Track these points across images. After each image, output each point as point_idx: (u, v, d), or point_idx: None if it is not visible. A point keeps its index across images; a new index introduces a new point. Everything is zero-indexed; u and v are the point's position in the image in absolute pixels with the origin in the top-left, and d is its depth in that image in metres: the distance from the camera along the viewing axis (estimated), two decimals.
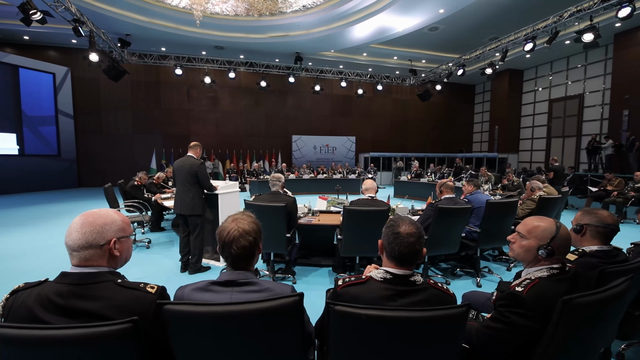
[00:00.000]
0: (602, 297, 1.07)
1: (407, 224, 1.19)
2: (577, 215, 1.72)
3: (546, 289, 1.18)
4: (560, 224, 1.30)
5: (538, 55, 12.66)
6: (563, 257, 1.29)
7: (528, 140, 14.58)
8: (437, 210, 2.97)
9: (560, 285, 1.20)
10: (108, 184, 4.65)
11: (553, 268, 1.26)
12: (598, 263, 1.52)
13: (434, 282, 1.15)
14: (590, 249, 1.60)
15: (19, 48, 11.54)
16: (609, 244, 1.62)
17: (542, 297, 1.13)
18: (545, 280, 1.21)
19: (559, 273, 1.25)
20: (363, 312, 0.92)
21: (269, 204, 3.03)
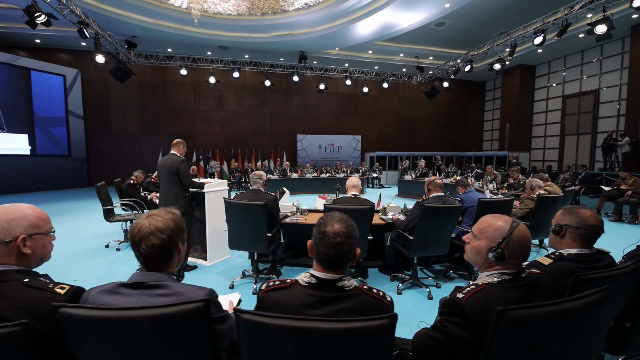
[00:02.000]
0: (555, 310, 0.92)
1: (336, 222, 1.08)
2: (557, 214, 1.56)
3: (492, 297, 1.03)
4: (518, 223, 1.15)
5: (551, 50, 12.21)
6: (519, 261, 1.14)
7: (540, 138, 14.08)
8: (423, 209, 2.83)
9: (511, 294, 1.05)
10: (101, 182, 4.68)
11: (505, 273, 1.11)
12: (576, 268, 1.36)
13: (368, 288, 1.03)
14: (568, 252, 1.43)
15: (31, 51, 11.89)
16: (592, 247, 1.46)
17: (484, 305, 0.99)
18: (494, 286, 1.06)
19: (511, 279, 1.09)
20: (271, 322, 0.82)
21: (248, 202, 2.95)
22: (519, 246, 1.12)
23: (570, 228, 1.45)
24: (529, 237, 1.14)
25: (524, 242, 1.12)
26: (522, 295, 1.05)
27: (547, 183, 4.49)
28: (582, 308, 0.98)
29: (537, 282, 1.13)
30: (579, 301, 0.97)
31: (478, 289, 1.05)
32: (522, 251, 1.13)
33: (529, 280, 1.11)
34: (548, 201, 3.51)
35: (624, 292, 1.38)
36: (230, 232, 3.13)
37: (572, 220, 1.46)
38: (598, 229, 1.44)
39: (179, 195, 3.61)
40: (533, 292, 1.09)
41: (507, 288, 1.06)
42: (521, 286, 1.08)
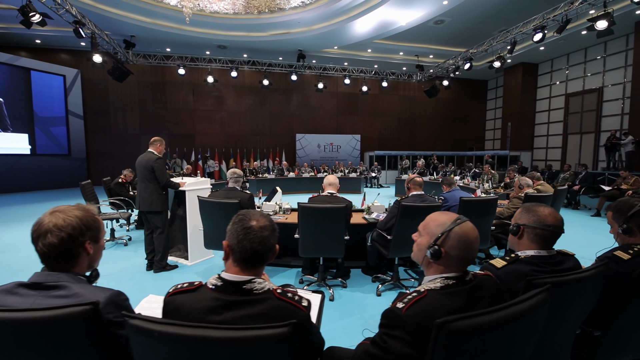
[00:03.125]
0: (497, 317, 0.83)
1: (260, 217, 1.02)
2: (516, 213, 1.47)
3: (433, 305, 0.93)
4: (463, 220, 1.06)
5: (553, 47, 11.99)
6: (461, 262, 1.04)
7: (543, 137, 13.83)
8: (400, 208, 2.74)
9: (454, 300, 0.95)
10: (86, 181, 4.67)
11: (449, 278, 1.01)
12: (530, 272, 1.26)
13: (282, 292, 0.95)
14: (525, 254, 1.34)
15: (31, 51, 12.01)
16: (551, 248, 1.36)
17: (426, 316, 0.88)
18: (436, 293, 0.96)
19: (455, 284, 1.00)
20: (156, 329, 0.75)
21: (222, 200, 2.89)
22: (458, 244, 1.02)
23: (527, 228, 1.36)
24: (471, 236, 1.03)
25: (464, 240, 1.02)
26: (466, 301, 0.96)
27: (538, 182, 4.36)
28: (524, 313, 0.89)
29: (481, 286, 1.03)
30: (520, 305, 0.89)
31: (419, 296, 0.95)
32: (462, 250, 1.02)
33: (472, 284, 1.02)
34: (536, 200, 3.38)
35: (588, 297, 1.28)
36: (205, 231, 3.08)
37: (529, 219, 1.36)
38: (557, 228, 1.34)
39: (154, 194, 3.57)
40: (477, 297, 0.99)
41: (450, 294, 0.97)
42: (465, 291, 0.99)
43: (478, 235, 1.06)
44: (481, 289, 1.02)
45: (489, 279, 1.09)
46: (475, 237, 1.04)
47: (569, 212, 7.52)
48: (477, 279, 1.04)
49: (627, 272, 1.33)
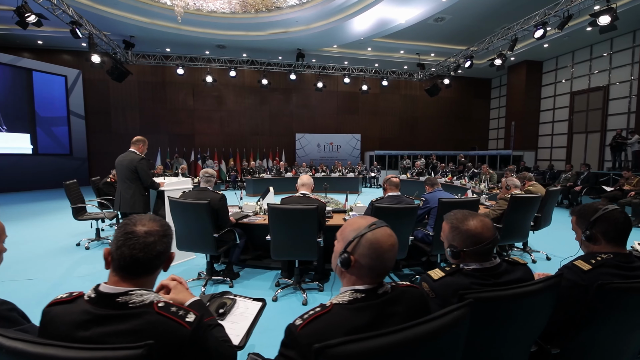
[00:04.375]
0: (397, 339, 0.72)
1: (148, 221, 0.94)
2: (444, 228, 1.32)
3: (334, 323, 0.83)
4: (379, 226, 0.94)
5: (558, 44, 11.70)
6: (372, 273, 0.93)
7: (547, 136, 13.51)
8: (373, 209, 2.64)
9: (360, 317, 0.85)
10: (72, 180, 4.66)
11: (358, 290, 0.91)
12: (471, 285, 1.15)
13: (165, 306, 0.86)
14: (468, 267, 1.22)
15: (34, 52, 12.15)
16: (491, 259, 1.22)
17: (322, 336, 0.77)
18: (342, 308, 0.86)
19: (364, 298, 0.89)
20: (5, 344, 0.67)
21: (192, 200, 2.83)
22: (368, 252, 0.92)
23: (466, 252, 1.21)
24: (383, 243, 0.93)
25: (375, 247, 0.92)
26: (373, 318, 0.86)
27: (529, 183, 4.21)
28: (432, 333, 0.78)
29: (397, 300, 0.93)
30: (427, 325, 0.78)
31: (322, 311, 0.86)
32: (373, 259, 0.92)
33: (385, 298, 0.91)
34: (522, 202, 3.25)
35: (539, 312, 1.16)
36: (176, 232, 3.01)
37: (464, 241, 1.21)
38: (494, 241, 1.21)
39: (137, 195, 3.53)
40: (389, 313, 0.89)
41: (357, 310, 0.86)
42: (374, 306, 0.88)
43: (394, 244, 0.95)
44: (396, 303, 0.92)
45: (412, 292, 0.99)
46: (390, 245, 0.94)
47: None
48: (393, 293, 0.94)
49: (587, 285, 1.21)
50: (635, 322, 1.26)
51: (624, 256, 1.28)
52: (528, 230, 3.52)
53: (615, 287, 1.12)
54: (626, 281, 1.17)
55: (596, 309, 1.16)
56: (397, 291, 0.95)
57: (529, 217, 3.40)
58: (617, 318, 1.21)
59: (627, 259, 1.28)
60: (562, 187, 7.94)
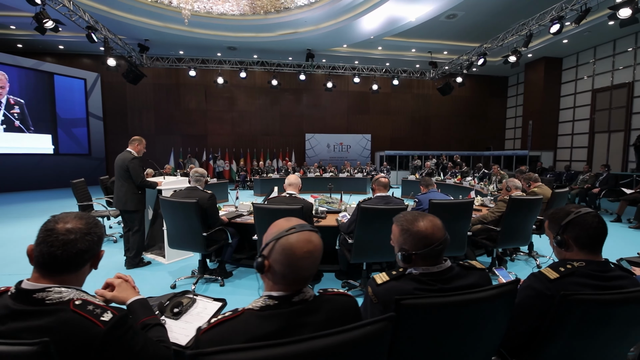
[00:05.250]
0: (281, 352, 0.66)
1: (72, 219, 0.94)
2: (394, 230, 1.26)
3: (238, 329, 0.80)
4: (298, 230, 0.89)
5: (578, 40, 11.18)
6: (285, 281, 0.88)
7: (567, 136, 12.93)
8: (358, 210, 2.58)
9: (267, 325, 0.81)
10: (79, 180, 4.82)
11: (271, 297, 0.87)
12: (414, 290, 1.09)
13: (82, 304, 0.85)
14: (416, 271, 1.15)
15: (56, 57, 12.72)
16: (440, 262, 1.16)
17: (221, 342, 0.76)
18: (252, 314, 0.84)
19: (276, 305, 0.85)
20: None
21: (180, 199, 2.86)
22: (280, 258, 0.87)
23: (417, 255, 1.15)
24: (297, 251, 0.86)
25: (288, 254, 0.86)
26: (282, 327, 0.82)
27: (535, 184, 4.02)
28: (341, 346, 0.72)
29: (315, 309, 0.87)
30: (336, 337, 0.72)
31: (231, 316, 0.83)
32: (285, 266, 0.87)
33: (300, 307, 0.86)
34: (521, 204, 3.09)
35: (491, 321, 1.08)
36: (167, 230, 3.06)
37: (415, 243, 1.15)
38: (445, 242, 1.15)
39: (129, 193, 3.61)
40: (300, 323, 0.84)
41: (266, 317, 0.83)
42: (284, 315, 0.84)
43: (313, 251, 0.89)
44: (312, 313, 0.86)
45: (338, 301, 0.94)
46: (306, 252, 0.87)
47: None
48: (313, 302, 0.89)
49: (553, 295, 1.11)
50: (609, 337, 1.16)
51: (597, 264, 1.18)
52: (529, 234, 3.35)
53: (581, 299, 1.03)
54: (594, 292, 1.07)
55: (561, 322, 1.08)
56: (320, 300, 0.91)
57: (530, 220, 3.24)
58: (586, 331, 1.11)
59: (602, 268, 1.17)
60: (579, 189, 7.58)
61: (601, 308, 1.06)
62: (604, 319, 1.08)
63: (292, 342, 0.68)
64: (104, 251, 1.03)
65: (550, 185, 7.14)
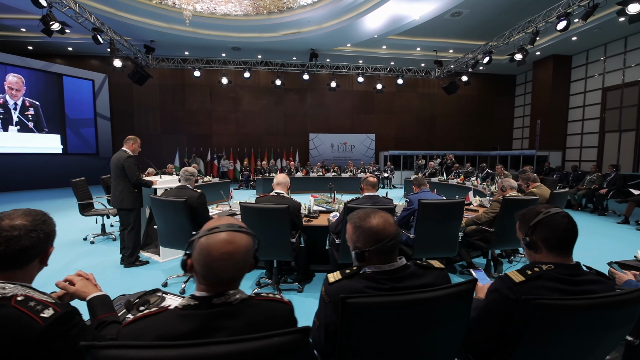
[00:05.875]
0: (189, 353, 0.65)
1: (19, 216, 0.95)
2: (348, 230, 1.23)
3: (151, 327, 0.79)
4: (221, 230, 0.87)
5: (588, 37, 10.91)
6: (205, 281, 0.86)
7: (577, 135, 12.63)
8: (344, 210, 2.56)
9: (181, 325, 0.80)
10: (79, 179, 4.90)
11: (194, 297, 0.85)
12: (365, 289, 1.05)
13: (22, 300, 0.85)
14: (369, 270, 1.13)
15: (65, 58, 12.99)
16: (393, 260, 1.13)
17: (137, 336, 0.78)
18: (172, 312, 0.83)
19: (197, 305, 0.83)
20: None
21: (169, 198, 2.87)
22: (198, 258, 0.85)
23: (369, 252, 1.12)
24: (214, 252, 0.84)
25: (204, 255, 0.84)
26: (196, 328, 0.80)
27: (534, 184, 3.93)
28: (236, 357, 0.68)
29: (236, 313, 0.85)
30: (232, 345, 0.68)
31: (154, 312, 0.83)
32: (202, 267, 0.85)
33: (219, 309, 0.84)
34: (515, 205, 3.02)
35: (446, 323, 1.04)
36: (158, 228, 3.08)
37: (366, 240, 1.13)
38: (396, 237, 1.12)
39: (125, 192, 3.65)
40: (217, 326, 0.81)
41: (183, 317, 0.81)
42: (201, 316, 0.81)
43: (232, 252, 0.86)
44: (232, 317, 0.84)
45: (266, 307, 0.90)
46: (224, 253, 0.84)
47: (594, 218, 6.77)
48: (236, 305, 0.85)
49: (517, 299, 1.06)
50: (581, 343, 1.11)
51: (567, 267, 1.13)
52: None
53: (543, 304, 0.98)
54: (559, 297, 1.02)
55: (524, 327, 1.03)
56: (246, 304, 0.87)
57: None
58: (554, 338, 1.07)
59: (572, 271, 1.13)
60: (586, 190, 7.39)
61: (567, 314, 1.01)
62: (571, 325, 1.04)
63: (187, 345, 0.67)
64: (53, 247, 1.04)
65: (554, 185, 6.99)
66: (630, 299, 1.07)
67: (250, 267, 0.96)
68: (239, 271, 0.90)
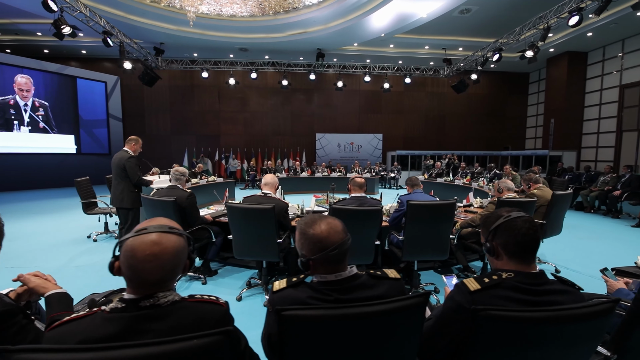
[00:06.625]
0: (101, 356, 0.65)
1: None
2: (296, 236, 1.18)
3: (78, 329, 0.78)
4: (150, 231, 0.85)
5: (604, 32, 10.50)
6: (131, 283, 0.85)
7: (593, 135, 12.18)
8: (331, 211, 2.52)
9: (106, 327, 0.79)
10: (83, 178, 5.03)
11: (122, 300, 0.84)
12: (308, 299, 1.01)
13: None
14: (315, 279, 1.09)
15: (79, 61, 13.39)
16: (339, 270, 1.07)
17: (61, 339, 0.77)
18: (100, 315, 0.82)
19: (124, 308, 0.82)
20: None
21: (159, 198, 2.90)
22: (123, 260, 0.85)
23: (315, 260, 1.07)
24: (138, 254, 0.83)
25: (128, 257, 0.83)
26: (121, 331, 0.78)
27: (535, 185, 3.79)
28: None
29: (163, 316, 0.83)
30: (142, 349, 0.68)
31: (82, 315, 0.82)
32: (127, 268, 0.84)
33: (147, 311, 0.82)
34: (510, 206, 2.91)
35: (392, 337, 0.98)
36: None
37: (310, 247, 1.08)
38: (340, 246, 1.06)
39: (125, 191, 3.72)
40: (142, 328, 0.80)
41: (109, 320, 0.80)
42: (126, 319, 0.80)
43: (158, 254, 0.84)
44: (159, 320, 0.82)
45: (199, 309, 0.88)
46: (149, 255, 0.83)
47: (607, 221, 6.50)
48: (165, 307, 0.83)
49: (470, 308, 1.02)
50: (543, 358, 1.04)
51: (527, 276, 1.06)
52: None
53: (494, 315, 0.92)
54: (515, 309, 0.95)
55: (476, 339, 0.97)
56: (177, 306, 0.85)
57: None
58: (511, 352, 0.99)
59: (534, 280, 1.06)
60: (599, 191, 7.11)
61: (521, 326, 0.95)
62: (526, 339, 0.97)
63: (105, 348, 0.66)
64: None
65: (563, 187, 6.75)
66: (595, 311, 1.00)
67: (185, 268, 0.95)
68: (168, 273, 0.88)
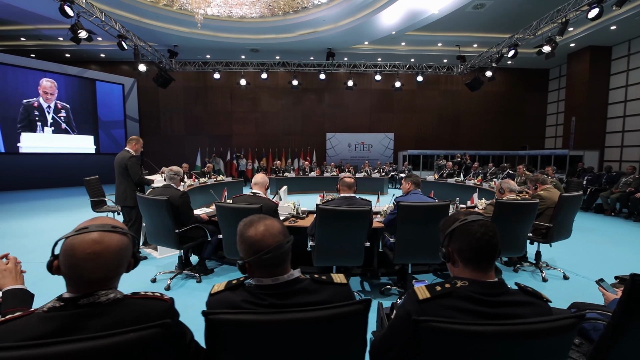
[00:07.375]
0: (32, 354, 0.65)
1: None
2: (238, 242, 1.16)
3: (15, 328, 0.78)
4: (91, 230, 0.85)
5: (629, 25, 9.93)
6: (71, 282, 0.84)
7: (617, 133, 11.54)
8: (317, 212, 2.49)
9: (43, 326, 0.78)
10: (92, 177, 5.20)
11: (62, 299, 0.83)
12: (241, 303, 0.99)
13: None
14: (253, 282, 1.06)
15: (98, 64, 13.91)
16: (279, 273, 1.04)
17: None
18: (38, 314, 0.81)
19: (62, 307, 0.81)
20: None
21: (153, 197, 2.95)
22: (62, 259, 0.85)
23: (250, 263, 1.04)
24: (78, 252, 0.83)
25: (68, 255, 0.83)
26: (56, 329, 0.78)
27: (543, 186, 3.62)
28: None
29: (103, 313, 0.82)
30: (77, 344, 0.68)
31: (18, 316, 0.81)
32: (66, 267, 0.84)
33: (86, 309, 0.82)
34: (509, 209, 2.78)
35: (333, 348, 0.95)
36: (146, 226, 3.18)
37: (246, 249, 1.05)
38: (275, 250, 1.02)
39: (127, 190, 3.81)
40: (80, 325, 0.80)
41: (47, 318, 0.80)
42: (64, 317, 0.80)
43: (100, 253, 0.84)
44: (98, 317, 0.82)
45: (142, 305, 0.87)
46: (90, 253, 0.83)
47: (629, 224, 6.13)
48: (105, 305, 0.83)
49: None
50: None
51: (483, 285, 0.97)
52: (523, 243, 3.01)
53: (437, 327, 0.85)
54: (459, 322, 0.86)
55: (420, 353, 0.90)
56: (119, 303, 0.85)
57: (522, 227, 2.91)
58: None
59: (490, 290, 0.97)
60: (621, 193, 6.72)
61: (471, 341, 0.87)
62: (476, 355, 0.88)
63: (40, 345, 0.66)
64: None
65: (579, 188, 6.42)
66: (557, 327, 0.90)
67: (129, 267, 0.96)
68: (110, 271, 0.88)
